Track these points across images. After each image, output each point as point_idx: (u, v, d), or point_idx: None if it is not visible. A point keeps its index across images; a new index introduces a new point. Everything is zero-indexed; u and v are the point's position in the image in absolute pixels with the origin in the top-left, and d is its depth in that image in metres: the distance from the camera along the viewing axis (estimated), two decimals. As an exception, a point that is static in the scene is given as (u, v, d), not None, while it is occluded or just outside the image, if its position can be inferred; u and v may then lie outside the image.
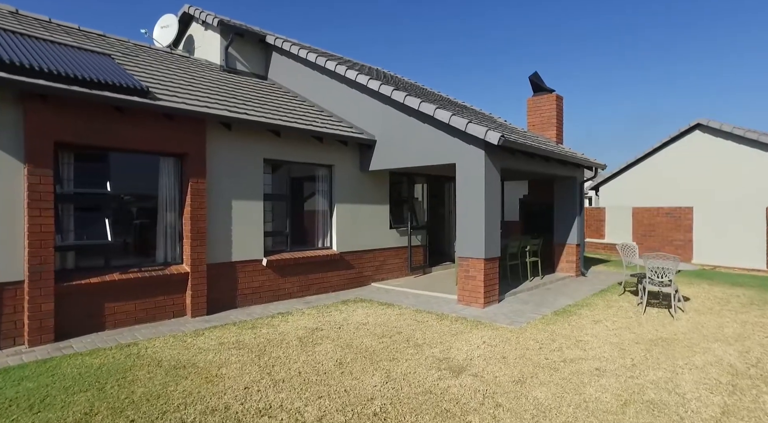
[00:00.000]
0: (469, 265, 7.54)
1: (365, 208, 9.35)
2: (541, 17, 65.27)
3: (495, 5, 58.76)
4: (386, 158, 8.77)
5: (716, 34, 56.96)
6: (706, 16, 52.45)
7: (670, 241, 14.41)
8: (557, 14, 65.97)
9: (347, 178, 9.01)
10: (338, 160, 8.84)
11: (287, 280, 7.92)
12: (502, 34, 78.93)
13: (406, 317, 6.77)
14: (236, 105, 7.38)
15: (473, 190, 7.45)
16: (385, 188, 9.82)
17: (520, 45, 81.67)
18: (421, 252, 10.73)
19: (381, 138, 8.88)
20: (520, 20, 67.41)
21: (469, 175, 7.51)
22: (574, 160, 9.35)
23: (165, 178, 6.54)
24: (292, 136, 7.97)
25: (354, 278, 9.14)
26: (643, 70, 63.35)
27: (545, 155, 8.39)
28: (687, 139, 14.75)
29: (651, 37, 62.12)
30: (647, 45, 62.71)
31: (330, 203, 8.85)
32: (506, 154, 7.93)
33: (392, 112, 8.63)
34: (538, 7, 58.63)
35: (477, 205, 7.41)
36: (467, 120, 7.30)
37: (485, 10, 68.16)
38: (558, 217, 10.91)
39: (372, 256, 9.51)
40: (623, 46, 63.62)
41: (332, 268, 8.70)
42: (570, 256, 10.70)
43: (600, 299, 8.17)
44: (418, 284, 9.36)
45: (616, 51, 62.17)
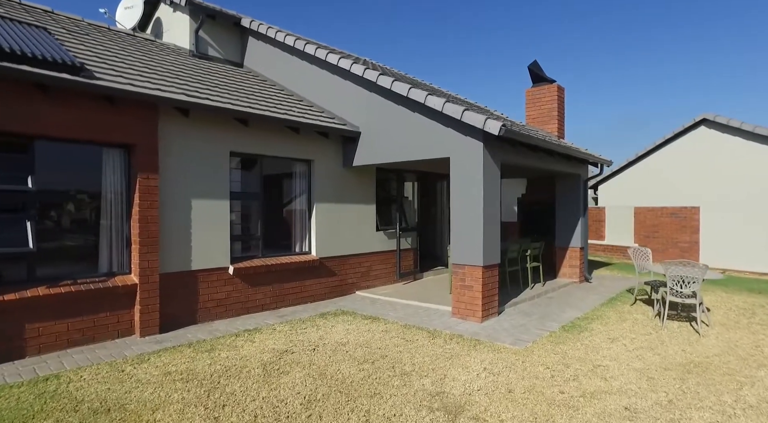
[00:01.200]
0: (465, 274, 6.62)
1: (349, 208, 8.41)
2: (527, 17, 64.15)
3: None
4: (372, 152, 7.84)
5: (703, 34, 56.25)
6: (687, 14, 51.78)
7: (675, 243, 13.63)
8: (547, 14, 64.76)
9: (328, 175, 8.06)
10: (318, 155, 7.89)
11: (258, 291, 6.95)
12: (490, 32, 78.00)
13: (392, 335, 5.84)
14: (198, 90, 6.40)
15: (470, 188, 6.54)
16: (371, 186, 8.89)
17: (505, 45, 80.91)
18: (411, 256, 9.81)
19: (366, 130, 7.94)
20: (504, 21, 66.52)
21: (465, 171, 6.60)
22: (580, 155, 8.49)
23: (109, 172, 5.55)
24: (264, 127, 7.01)
25: (336, 286, 8.19)
26: (629, 70, 63.28)
27: (549, 149, 7.50)
28: (692, 136, 13.97)
29: (637, 37, 61.80)
30: (633, 45, 62.44)
31: (309, 203, 7.89)
32: (507, 147, 7.03)
33: (378, 101, 7.70)
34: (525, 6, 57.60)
35: (474, 205, 6.50)
36: (463, 107, 6.39)
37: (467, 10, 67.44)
38: (560, 218, 10.04)
39: (356, 261, 8.57)
40: (608, 46, 63.42)
41: (311, 276, 7.75)
42: (573, 260, 9.84)
43: (611, 310, 7.30)
44: (407, 293, 8.44)
45: (600, 51, 61.98)
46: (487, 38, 63.68)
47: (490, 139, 6.56)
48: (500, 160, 6.87)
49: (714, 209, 13.03)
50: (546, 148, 7.30)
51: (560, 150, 7.69)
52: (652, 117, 46.24)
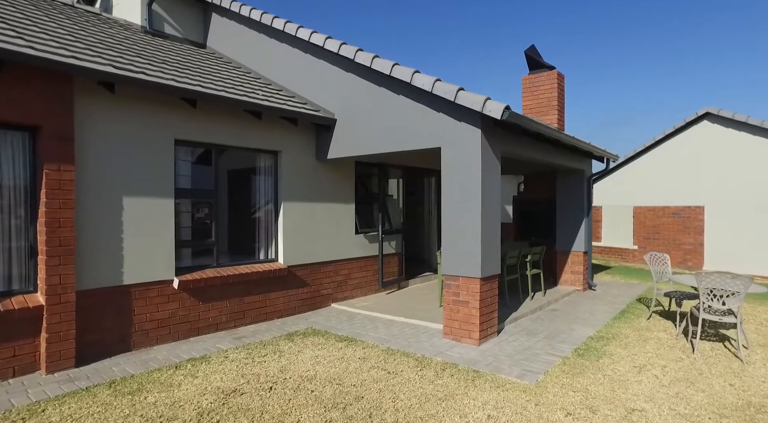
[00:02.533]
0: (458, 287, 5.54)
1: (323, 207, 7.27)
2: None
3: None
4: (349, 143, 6.71)
5: (688, 33, 55.87)
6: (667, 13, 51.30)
7: (678, 245, 12.76)
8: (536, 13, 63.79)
9: (299, 169, 6.91)
10: (286, 146, 6.74)
11: (212, 307, 5.78)
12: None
13: (371, 364, 4.73)
14: (134, 63, 5.20)
15: (465, 185, 5.46)
16: (349, 183, 7.76)
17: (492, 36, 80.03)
18: (395, 262, 8.71)
19: (343, 117, 6.81)
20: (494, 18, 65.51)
21: (459, 164, 5.51)
22: (586, 148, 7.48)
23: (4, 163, 4.33)
24: (219, 111, 5.84)
25: (308, 299, 7.05)
26: (612, 70, 62.93)
27: (556, 140, 6.46)
28: (694, 131, 13.12)
29: (622, 37, 61.33)
30: (617, 45, 62.06)
31: (275, 202, 6.73)
32: (509, 135, 5.97)
33: (356, 83, 6.58)
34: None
35: (470, 205, 5.42)
36: (457, 87, 5.30)
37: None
38: (561, 219, 9.03)
39: (332, 269, 7.44)
40: (590, 45, 63.09)
41: (278, 287, 6.60)
42: (576, 265, 8.84)
43: (626, 327, 6.29)
44: (391, 305, 7.34)
45: (582, 50, 61.65)
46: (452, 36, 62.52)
47: (489, 125, 5.49)
48: (500, 151, 5.80)
49: (720, 209, 12.18)
50: (553, 137, 6.25)
51: (568, 141, 6.65)
52: (636, 116, 45.77)
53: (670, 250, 12.86)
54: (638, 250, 13.55)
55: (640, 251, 13.49)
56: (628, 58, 49.97)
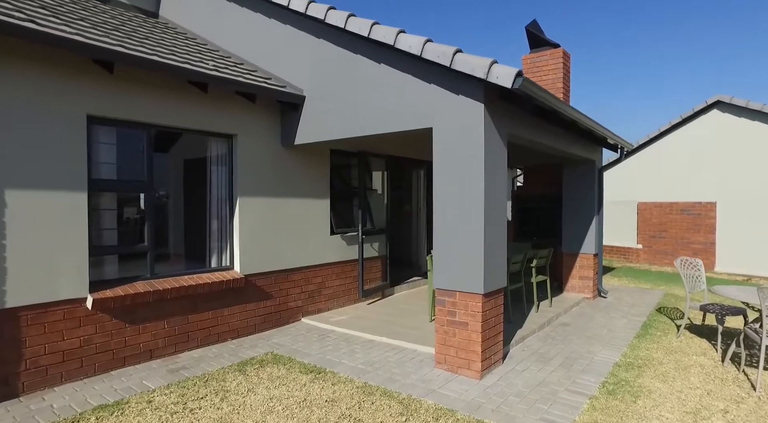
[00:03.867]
0: (455, 305, 4.38)
1: (291, 204, 6.06)
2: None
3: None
4: (320, 125, 5.51)
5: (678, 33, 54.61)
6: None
7: (686, 244, 11.77)
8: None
9: (260, 157, 5.69)
10: (243, 128, 5.51)
11: (144, 330, 4.55)
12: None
13: (342, 411, 3.55)
14: (35, 17, 3.93)
15: (464, 177, 4.30)
16: (323, 174, 6.55)
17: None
18: (378, 266, 7.54)
19: (313, 93, 5.60)
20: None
21: (456, 150, 4.35)
22: (603, 133, 6.36)
23: None
24: (153, 82, 4.58)
25: (272, 314, 5.85)
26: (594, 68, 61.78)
27: (571, 121, 5.31)
28: (703, 121, 12.11)
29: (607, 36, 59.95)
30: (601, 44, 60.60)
31: (230, 197, 5.51)
32: (517, 113, 4.83)
33: (329, 51, 5.37)
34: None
35: (470, 202, 4.26)
36: (454, 47, 4.12)
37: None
38: (568, 217, 7.93)
39: (302, 277, 6.24)
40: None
41: (233, 301, 5.39)
42: (585, 270, 7.75)
43: (656, 347, 5.20)
44: (372, 319, 6.16)
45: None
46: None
47: (495, 99, 4.33)
48: (507, 134, 4.65)
49: (734, 205, 11.19)
50: (569, 118, 5.10)
51: (585, 123, 5.51)
52: (630, 113, 45.04)
53: (678, 250, 11.88)
54: (643, 250, 12.55)
55: (645, 250, 12.50)
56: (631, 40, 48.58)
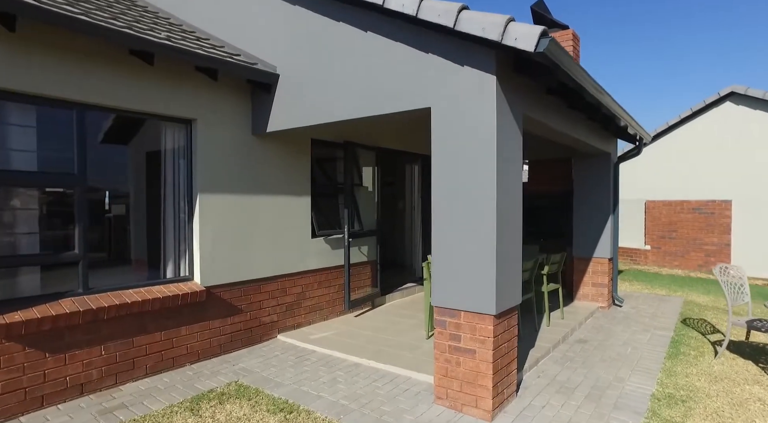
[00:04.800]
0: (460, 328, 3.53)
1: (265, 202, 5.19)
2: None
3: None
4: (296, 108, 4.63)
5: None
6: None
7: (699, 246, 11.01)
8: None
9: (225, 147, 4.80)
10: (204, 112, 4.62)
11: (72, 359, 3.66)
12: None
13: (313, 478, 2.69)
14: None
15: (470, 166, 3.45)
16: (303, 168, 5.68)
17: None
18: (368, 272, 6.68)
19: (288, 71, 4.72)
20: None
21: (460, 134, 3.49)
22: (627, 121, 5.52)
23: None
24: (79, 49, 3.68)
25: (241, 331, 4.97)
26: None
27: (597, 102, 4.45)
28: (716, 114, 11.37)
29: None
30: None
31: (189, 194, 4.61)
32: (534, 91, 3.99)
33: (306, 20, 4.50)
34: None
35: (479, 198, 3.42)
36: (459, 3, 3.25)
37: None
38: (579, 217, 7.11)
39: (278, 287, 5.37)
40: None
41: (192, 319, 4.50)
42: (599, 276, 6.93)
43: (695, 373, 4.38)
44: (360, 335, 5.30)
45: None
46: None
47: (509, 70, 3.49)
48: (522, 116, 3.80)
49: (751, 203, 10.45)
50: (595, 98, 4.23)
51: (610, 107, 4.65)
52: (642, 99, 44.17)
53: (689, 251, 11.13)
54: (651, 251, 11.79)
55: (654, 252, 11.73)
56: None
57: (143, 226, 4.60)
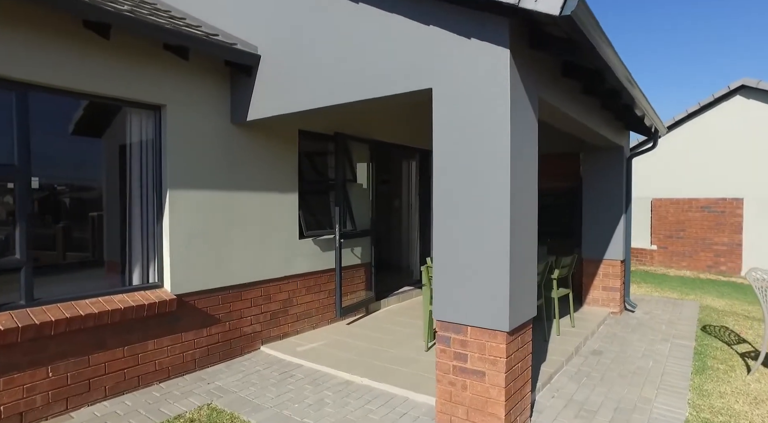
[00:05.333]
0: (466, 345, 3.02)
1: (246, 199, 4.66)
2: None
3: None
4: (280, 93, 4.10)
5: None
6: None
7: (709, 246, 10.56)
8: None
9: (200, 137, 4.26)
10: (175, 97, 4.08)
11: (9, 384, 3.12)
12: None
13: None
14: None
15: (479, 157, 2.94)
16: (290, 162, 5.16)
17: None
18: (361, 276, 6.16)
19: (270, 52, 4.19)
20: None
21: (467, 119, 2.99)
22: (646, 110, 5.02)
23: None
24: (19, 17, 3.14)
25: (219, 343, 4.45)
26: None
27: (619, 87, 3.93)
28: (725, 108, 10.93)
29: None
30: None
31: (158, 190, 4.08)
32: (552, 68, 3.49)
33: (292, -9, 3.98)
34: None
35: (489, 194, 2.91)
36: (468, -39, 2.75)
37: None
38: (589, 216, 6.62)
39: (261, 294, 4.84)
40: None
41: (161, 331, 3.97)
42: (610, 279, 6.45)
43: (731, 392, 3.89)
44: (352, 346, 4.79)
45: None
46: None
47: (524, 43, 2.99)
48: (537, 99, 3.29)
49: (764, 202, 10.00)
50: (619, 82, 3.72)
51: (635, 93, 4.15)
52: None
53: (697, 252, 10.67)
54: (657, 251, 11.33)
55: (660, 252, 11.27)
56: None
57: (109, 227, 4.07)
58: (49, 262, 3.64)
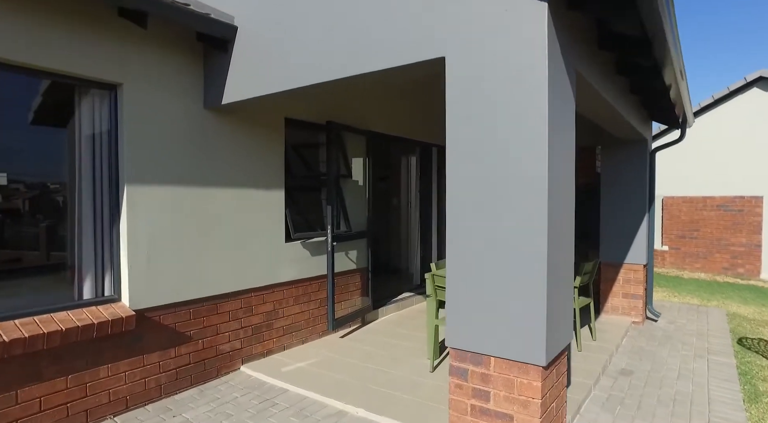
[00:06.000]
0: (488, 380, 2.39)
1: (222, 196, 4.01)
2: None
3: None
4: (260, 71, 3.45)
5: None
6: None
7: (725, 246, 9.99)
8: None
9: (166, 123, 3.61)
10: (134, 75, 3.42)
11: None
12: None
13: None
14: None
15: (507, 137, 2.30)
16: (275, 155, 4.50)
17: None
18: (357, 283, 5.52)
19: (250, 23, 3.54)
20: None
21: (491, 91, 2.35)
22: (681, 94, 4.41)
23: None
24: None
25: (189, 365, 3.80)
26: None
27: (660, 63, 3.31)
28: (741, 101, 10.34)
29: None
30: None
31: (114, 185, 3.42)
32: (590, 38, 2.87)
33: (273, -53, 3.32)
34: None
35: (521, 190, 2.28)
36: None
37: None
38: (608, 215, 6.01)
39: (241, 305, 4.20)
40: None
41: (118, 354, 3.32)
42: (632, 285, 5.84)
43: (791, 424, 3.28)
44: (345, 366, 4.15)
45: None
46: None
47: (561, 4, 2.36)
48: (575, 70, 2.66)
49: (785, 200, 9.44)
50: (669, 57, 3.10)
51: (676, 75, 3.54)
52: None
53: (712, 253, 10.10)
54: (669, 252, 10.75)
55: (672, 253, 10.70)
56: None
57: (56, 231, 3.42)
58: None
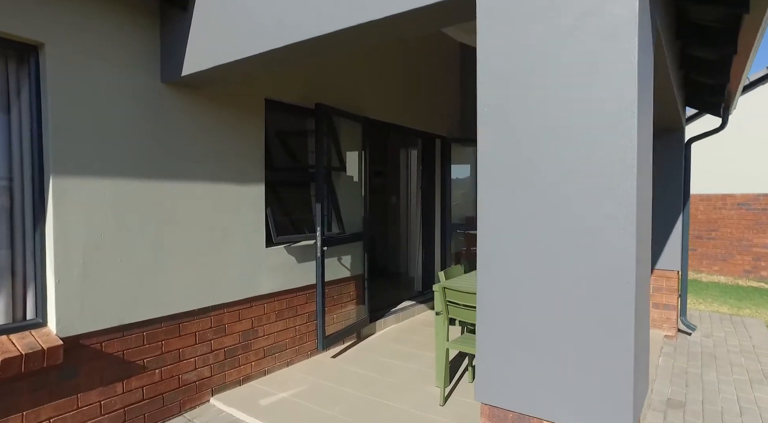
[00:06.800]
0: (547, 463, 1.66)
1: (187, 192, 3.25)
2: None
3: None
4: (231, 30, 2.69)
5: None
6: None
7: (747, 247, 9.33)
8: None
9: (109, 99, 2.84)
10: (60, 34, 2.65)
11: None
12: None
13: None
14: None
15: (572, 108, 1.56)
16: (253, 142, 3.75)
17: None
18: (351, 292, 4.78)
19: (215, -32, 2.77)
20: None
21: (544, 45, 1.61)
22: (737, 70, 3.71)
23: None
24: None
25: (145, 401, 3.05)
26: None
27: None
28: (760, 93, 9.66)
29: None
30: None
31: (38, 177, 2.66)
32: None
33: None
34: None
35: (596, 179, 1.54)
36: None
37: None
38: (637, 214, 5.29)
39: (211, 324, 3.45)
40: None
41: (41, 396, 2.56)
42: (664, 295, 5.14)
43: None
44: (337, 396, 3.41)
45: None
46: None
47: None
48: (657, 30, 1.92)
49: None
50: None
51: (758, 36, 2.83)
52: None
53: (733, 254, 9.44)
54: (684, 253, 10.08)
55: (690, 253, 10.02)
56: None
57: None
58: None
